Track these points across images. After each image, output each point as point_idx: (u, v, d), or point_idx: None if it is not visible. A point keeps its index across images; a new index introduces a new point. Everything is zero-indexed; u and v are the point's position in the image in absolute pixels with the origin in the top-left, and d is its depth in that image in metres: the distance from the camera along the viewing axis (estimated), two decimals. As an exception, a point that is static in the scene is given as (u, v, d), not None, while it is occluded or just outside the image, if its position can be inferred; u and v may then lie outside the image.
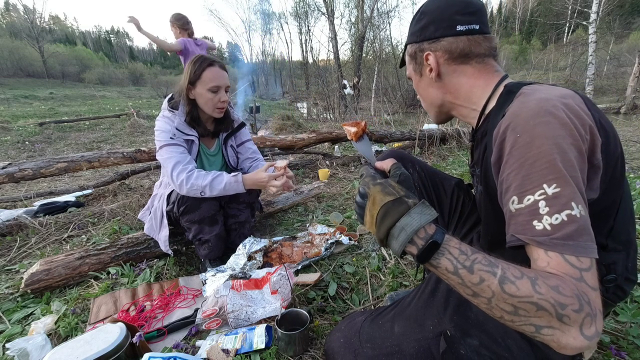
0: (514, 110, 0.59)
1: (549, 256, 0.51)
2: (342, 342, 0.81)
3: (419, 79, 0.81)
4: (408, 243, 0.54)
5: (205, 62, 1.41)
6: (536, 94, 0.60)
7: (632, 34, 21.85)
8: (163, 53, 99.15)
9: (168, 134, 1.40)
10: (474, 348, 0.67)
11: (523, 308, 0.48)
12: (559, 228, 0.50)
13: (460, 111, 0.80)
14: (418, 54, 0.78)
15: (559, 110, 0.55)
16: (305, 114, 12.20)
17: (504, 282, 0.49)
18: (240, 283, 1.26)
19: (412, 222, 0.53)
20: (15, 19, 47.54)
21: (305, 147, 3.65)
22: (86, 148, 5.88)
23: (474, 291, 0.51)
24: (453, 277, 0.52)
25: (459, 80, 0.75)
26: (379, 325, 0.80)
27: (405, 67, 0.87)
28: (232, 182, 1.38)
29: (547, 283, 0.48)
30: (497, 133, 0.61)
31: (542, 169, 0.52)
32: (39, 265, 1.42)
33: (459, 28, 0.72)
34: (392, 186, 0.59)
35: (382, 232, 0.56)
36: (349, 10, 16.72)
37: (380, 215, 0.56)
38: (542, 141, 0.53)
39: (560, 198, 0.51)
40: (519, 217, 0.55)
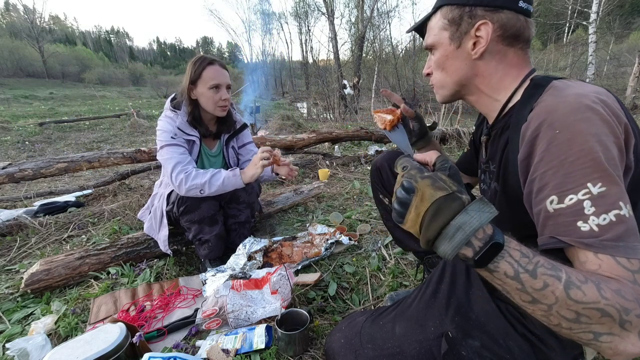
0: (549, 105, 0.56)
1: (599, 259, 0.48)
2: (343, 342, 0.81)
3: (454, 50, 0.68)
4: (464, 245, 0.47)
5: (205, 61, 1.42)
6: (570, 89, 0.57)
7: (632, 34, 21.85)
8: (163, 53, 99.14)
9: (169, 134, 1.41)
10: (475, 349, 0.67)
11: (587, 315, 0.45)
12: (608, 229, 0.48)
13: (482, 100, 0.72)
14: (465, 20, 0.65)
15: (598, 105, 0.52)
16: (305, 114, 12.21)
17: (570, 287, 0.45)
18: (240, 283, 1.26)
19: (470, 221, 0.47)
20: (15, 19, 47.56)
21: (305, 147, 3.65)
22: (86, 148, 5.88)
23: (534, 297, 0.47)
24: (512, 282, 0.47)
25: (497, 65, 0.67)
26: (380, 326, 0.79)
27: (427, 32, 0.73)
28: (230, 177, 1.38)
29: (610, 287, 0.45)
30: (526, 128, 0.58)
31: (585, 167, 0.50)
32: (39, 265, 1.42)
33: (520, 4, 0.64)
34: (444, 180, 0.50)
35: (431, 232, 0.49)
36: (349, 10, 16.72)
37: (430, 212, 0.48)
38: (584, 138, 0.50)
39: (607, 197, 0.49)
40: (559, 217, 0.52)
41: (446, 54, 0.70)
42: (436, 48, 0.71)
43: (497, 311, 0.70)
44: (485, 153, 0.79)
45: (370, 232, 1.90)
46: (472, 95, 0.73)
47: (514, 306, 0.69)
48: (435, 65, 0.73)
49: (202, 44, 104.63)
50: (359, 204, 2.40)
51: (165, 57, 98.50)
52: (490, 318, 0.70)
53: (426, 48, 0.75)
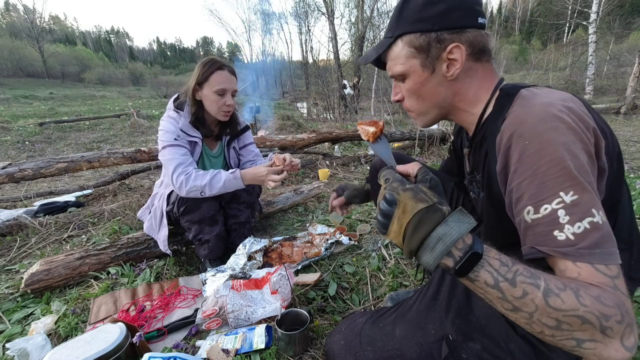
0: (518, 116, 0.57)
1: (578, 267, 0.49)
2: (343, 344, 0.80)
3: (428, 76, 0.68)
4: (445, 255, 0.49)
5: (215, 65, 1.41)
6: (537, 97, 0.58)
7: (632, 34, 21.86)
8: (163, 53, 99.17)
9: (172, 135, 1.41)
10: (476, 352, 0.66)
11: (567, 322, 0.45)
12: (583, 237, 0.49)
13: (461, 115, 0.73)
14: (434, 45, 0.64)
15: (564, 114, 0.53)
16: (305, 114, 12.20)
17: (548, 295, 0.46)
18: (240, 283, 1.26)
19: (450, 232, 0.48)
20: (15, 19, 47.57)
21: (305, 147, 3.65)
22: (86, 148, 5.88)
23: (515, 306, 0.47)
24: (492, 291, 0.48)
25: (471, 81, 0.68)
26: (380, 328, 0.79)
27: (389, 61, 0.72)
28: (230, 179, 1.38)
29: (589, 293, 0.46)
30: (500, 140, 0.59)
31: (557, 177, 0.51)
32: (39, 265, 1.42)
33: (480, 20, 0.65)
34: (425, 192, 0.52)
35: (414, 244, 0.50)
36: (349, 10, 16.71)
37: (412, 224, 0.50)
38: (553, 147, 0.51)
39: (580, 205, 0.49)
40: (537, 227, 0.53)
41: (420, 81, 0.69)
42: (408, 76, 0.70)
43: (499, 314, 0.70)
44: (468, 164, 0.81)
45: (370, 232, 1.90)
46: (452, 113, 0.74)
47: None
48: (410, 93, 0.72)
49: (202, 44, 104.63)
50: (359, 204, 2.40)
51: (165, 57, 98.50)
52: (490, 320, 0.69)
53: (393, 77, 0.73)
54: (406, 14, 0.66)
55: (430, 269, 0.50)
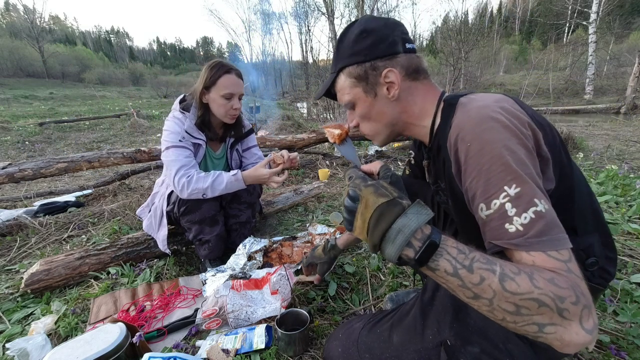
0: (458, 121, 0.62)
1: (532, 255, 0.52)
2: (340, 351, 0.81)
3: (372, 100, 0.75)
4: (405, 246, 0.51)
5: (223, 68, 1.41)
6: (473, 103, 0.63)
7: (632, 34, 21.85)
8: (163, 53, 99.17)
9: (177, 136, 1.41)
10: (475, 356, 0.66)
11: (525, 306, 0.47)
12: (530, 226, 0.52)
13: (414, 130, 0.79)
14: (370, 73, 0.73)
15: (497, 114, 0.58)
16: (305, 114, 12.20)
17: (504, 279, 0.48)
18: (240, 283, 1.26)
19: (409, 223, 0.50)
20: (15, 19, 47.58)
21: (305, 147, 3.65)
22: (86, 148, 5.88)
23: (475, 292, 0.49)
24: (452, 279, 0.50)
25: (413, 98, 0.75)
26: (377, 334, 0.79)
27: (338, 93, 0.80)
28: (232, 181, 1.39)
29: (543, 277, 0.48)
30: (449, 145, 0.63)
31: (499, 172, 0.54)
32: (39, 265, 1.42)
33: (408, 46, 0.74)
34: (385, 187, 0.55)
35: (376, 236, 0.52)
36: (349, 10, 16.70)
37: (374, 218, 0.52)
38: (491, 146, 0.56)
39: (523, 197, 0.53)
40: (491, 222, 0.56)
41: (367, 105, 0.76)
42: (356, 103, 0.77)
43: None
44: (430, 175, 0.84)
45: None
46: (406, 129, 0.80)
47: None
48: (361, 118, 0.80)
49: (202, 44, 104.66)
50: None
51: (165, 57, 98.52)
52: (488, 323, 0.68)
53: (345, 106, 0.81)
54: (342, 51, 0.75)
55: (393, 261, 0.52)
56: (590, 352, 1.01)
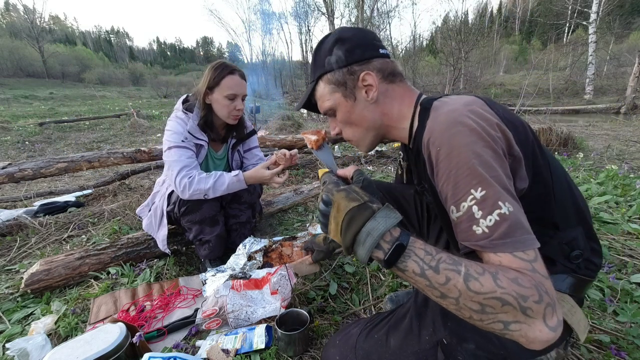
0: (429, 126, 0.64)
1: (499, 256, 0.53)
2: (338, 359, 0.81)
3: (352, 104, 0.76)
4: (375, 248, 0.53)
5: (226, 69, 1.41)
6: (444, 106, 0.64)
7: (632, 34, 21.86)
8: (163, 53, 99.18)
9: (180, 136, 1.41)
10: (471, 352, 0.67)
11: (489, 305, 0.48)
12: (495, 228, 0.53)
13: (394, 133, 0.80)
14: (348, 77, 0.74)
15: (465, 118, 0.59)
16: (305, 114, 12.20)
17: (468, 279, 0.49)
18: (240, 283, 1.26)
19: (377, 226, 0.53)
20: (15, 19, 47.59)
21: (305, 147, 3.65)
22: (86, 148, 5.88)
23: (442, 292, 0.51)
24: (420, 279, 0.52)
25: (391, 101, 0.76)
26: (375, 339, 0.79)
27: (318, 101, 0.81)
28: (234, 182, 1.40)
29: (507, 276, 0.49)
30: (424, 149, 0.65)
31: (465, 176, 0.56)
32: (39, 265, 1.42)
33: (381, 51, 0.76)
34: (356, 192, 0.58)
35: (348, 239, 0.55)
36: (349, 10, 16.71)
37: (345, 221, 0.55)
38: (458, 150, 0.57)
39: (488, 200, 0.54)
40: (461, 224, 0.57)
41: (348, 110, 0.77)
42: (336, 109, 0.78)
43: None
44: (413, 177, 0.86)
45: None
46: (388, 133, 0.81)
47: None
48: (343, 124, 0.81)
49: (202, 44, 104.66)
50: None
51: (165, 57, 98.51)
52: None
53: (325, 114, 0.81)
54: (319, 60, 0.77)
55: (364, 262, 0.54)
56: (591, 352, 1.01)
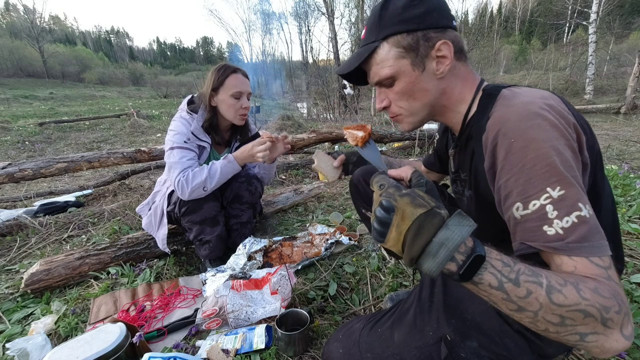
0: (502, 115, 0.59)
1: (574, 260, 0.50)
2: (342, 352, 0.80)
3: (419, 75, 0.67)
4: (448, 260, 0.47)
5: (229, 69, 1.43)
6: (518, 97, 0.60)
7: (632, 34, 21.86)
8: (163, 53, 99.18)
9: (183, 137, 1.41)
10: (474, 350, 0.67)
11: (570, 317, 0.46)
12: (572, 231, 0.50)
13: (447, 115, 0.74)
14: (422, 44, 0.65)
15: (545, 112, 0.55)
16: (305, 114, 12.20)
17: (551, 292, 0.46)
18: (240, 283, 1.26)
19: (452, 236, 0.46)
20: (15, 19, 47.58)
21: (305, 147, 3.64)
22: (86, 148, 5.88)
23: (520, 306, 0.47)
24: (497, 292, 0.47)
25: (456, 79, 0.70)
26: (378, 334, 0.79)
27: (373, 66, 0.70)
28: (225, 164, 1.39)
29: (588, 287, 0.46)
30: (486, 138, 0.60)
31: (543, 172, 0.52)
32: (39, 265, 1.42)
33: (454, 23, 0.68)
34: (422, 197, 0.50)
35: (415, 251, 0.48)
36: (349, 10, 16.70)
37: (412, 230, 0.47)
38: (538, 144, 0.53)
39: (567, 200, 0.50)
40: (526, 223, 0.54)
41: (412, 80, 0.68)
42: (398, 78, 0.69)
43: (492, 310, 0.70)
44: (453, 163, 0.82)
45: (370, 233, 1.90)
46: (441, 114, 0.74)
47: None
48: (399, 96, 0.71)
49: (202, 44, 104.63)
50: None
51: (165, 57, 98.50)
52: (485, 317, 0.70)
53: (377, 83, 0.72)
54: (387, 18, 0.67)
55: (434, 276, 0.48)
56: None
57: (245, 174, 1.65)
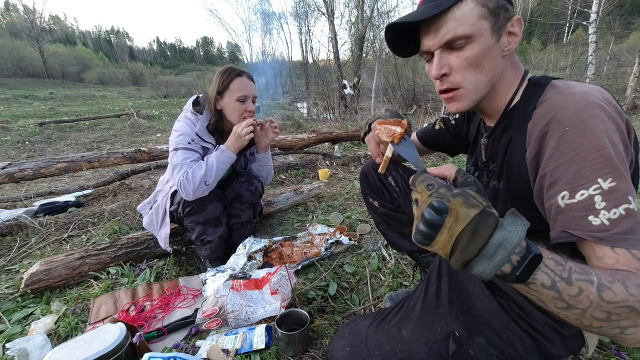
0: (557, 103, 0.57)
1: (616, 253, 0.50)
2: (348, 350, 0.78)
3: (494, 43, 0.61)
4: None
5: (234, 72, 1.42)
6: (574, 87, 0.59)
7: (632, 34, 21.86)
8: (163, 53, 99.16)
9: (187, 138, 1.40)
10: (482, 347, 0.67)
11: (616, 313, 0.46)
12: (618, 223, 0.50)
13: (493, 101, 0.70)
14: (502, 13, 0.61)
15: (602, 103, 0.54)
16: (305, 114, 12.20)
17: (602, 289, 0.46)
18: (240, 283, 1.26)
19: (510, 237, 0.45)
20: (15, 19, 47.58)
21: (305, 147, 3.65)
22: (86, 148, 5.87)
23: (570, 304, 0.47)
24: (548, 292, 0.47)
25: (511, 63, 0.67)
26: (386, 330, 0.78)
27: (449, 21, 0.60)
28: (219, 155, 1.40)
29: (634, 283, 0.47)
30: (533, 126, 0.59)
31: (596, 163, 0.51)
32: (39, 265, 1.42)
33: None
34: (474, 196, 0.48)
35: (470, 253, 0.46)
36: (349, 10, 16.70)
37: (468, 232, 0.46)
38: (594, 134, 0.52)
39: (617, 192, 0.50)
40: (571, 212, 0.53)
41: (487, 48, 0.61)
42: (474, 40, 0.60)
43: (500, 308, 0.71)
44: (485, 153, 0.80)
45: (370, 232, 1.90)
46: (488, 97, 0.68)
47: (515, 303, 0.70)
48: (468, 63, 0.62)
49: (202, 44, 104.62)
50: (359, 204, 2.40)
51: (165, 57, 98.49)
52: (493, 315, 0.70)
53: (448, 43, 0.62)
54: None
55: (487, 278, 0.47)
56: (590, 352, 1.01)
57: (245, 173, 1.65)
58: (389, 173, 1.16)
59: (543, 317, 0.67)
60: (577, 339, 0.68)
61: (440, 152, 1.12)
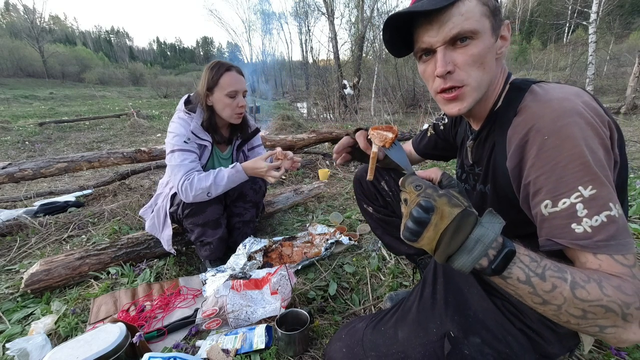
0: (535, 111, 0.58)
1: (599, 259, 0.51)
2: (345, 352, 0.79)
3: (493, 43, 0.62)
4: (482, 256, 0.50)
5: (223, 67, 1.40)
6: (552, 92, 0.59)
7: (632, 34, 21.87)
8: (163, 53, 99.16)
9: (182, 138, 1.39)
10: (477, 346, 0.67)
11: (592, 312, 0.48)
12: (600, 230, 0.51)
13: (482, 105, 0.70)
14: (498, 14, 0.62)
15: (581, 109, 0.54)
16: (305, 114, 12.21)
17: (575, 287, 0.48)
18: (240, 283, 1.26)
19: (487, 233, 0.49)
20: (15, 19, 47.59)
21: (305, 147, 3.65)
22: (86, 148, 5.87)
23: (545, 299, 0.49)
24: (524, 286, 0.50)
25: (500, 67, 0.68)
26: (382, 332, 0.78)
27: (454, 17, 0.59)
28: (233, 174, 1.38)
29: (611, 284, 0.48)
30: (512, 134, 0.60)
31: (575, 171, 0.52)
32: (39, 265, 1.42)
33: None
34: (457, 197, 0.52)
35: (453, 247, 0.50)
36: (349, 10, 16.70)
37: (451, 229, 0.50)
38: (572, 142, 0.53)
39: (598, 199, 0.51)
40: (554, 220, 0.55)
41: (489, 47, 0.61)
42: (479, 37, 0.60)
43: (494, 308, 0.71)
44: (471, 156, 0.81)
45: (370, 232, 1.90)
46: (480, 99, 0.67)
47: (510, 302, 0.70)
48: (473, 59, 0.61)
49: (202, 44, 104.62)
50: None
51: (165, 57, 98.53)
52: (488, 315, 0.70)
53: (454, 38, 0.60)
54: None
55: (466, 271, 0.50)
56: (591, 352, 1.01)
57: None
58: (382, 178, 1.17)
59: (537, 315, 0.67)
60: (572, 337, 0.69)
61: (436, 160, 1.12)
